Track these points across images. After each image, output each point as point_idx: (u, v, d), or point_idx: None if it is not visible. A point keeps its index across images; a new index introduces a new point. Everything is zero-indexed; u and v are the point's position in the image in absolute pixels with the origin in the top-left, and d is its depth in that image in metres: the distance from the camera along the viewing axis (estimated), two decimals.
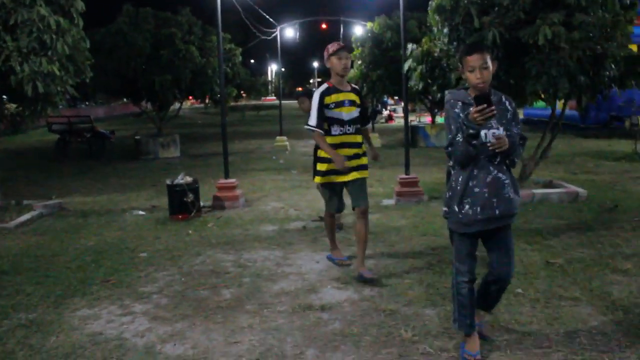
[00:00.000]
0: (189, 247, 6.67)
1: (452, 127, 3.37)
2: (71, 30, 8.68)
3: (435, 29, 8.43)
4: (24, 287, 5.34)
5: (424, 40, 8.98)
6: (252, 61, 66.41)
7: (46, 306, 4.85)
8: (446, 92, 3.79)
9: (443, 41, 8.16)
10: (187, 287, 5.24)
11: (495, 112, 3.17)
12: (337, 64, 5.22)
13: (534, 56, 7.45)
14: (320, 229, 7.06)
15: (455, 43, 7.92)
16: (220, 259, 6.13)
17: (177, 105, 19.75)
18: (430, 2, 8.19)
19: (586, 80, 7.67)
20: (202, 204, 8.60)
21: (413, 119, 24.86)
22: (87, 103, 42.60)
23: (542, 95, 8.43)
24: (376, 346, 3.86)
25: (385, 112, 33.43)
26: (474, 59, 3.32)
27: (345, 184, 5.39)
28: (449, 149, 3.42)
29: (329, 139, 5.23)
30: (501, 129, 3.39)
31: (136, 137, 18.41)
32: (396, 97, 26.41)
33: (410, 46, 8.95)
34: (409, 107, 12.44)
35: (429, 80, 8.65)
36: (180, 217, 8.09)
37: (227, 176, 9.17)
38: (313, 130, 5.25)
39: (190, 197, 8.14)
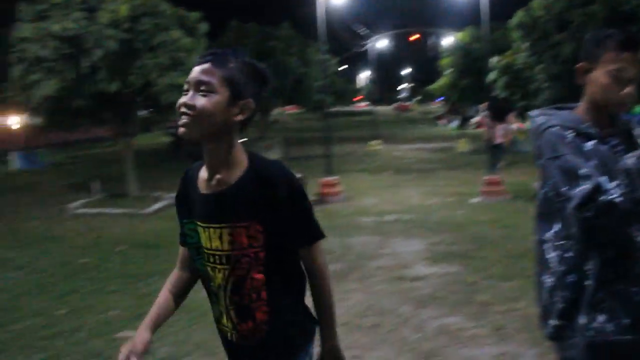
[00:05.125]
0: None
1: (582, 171, 1.72)
2: (197, 48, 10.17)
3: (516, 44, 9.30)
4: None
5: (507, 53, 9.82)
6: (345, 67, 67.55)
7: None
8: (532, 113, 2.01)
9: (523, 55, 8.99)
10: None
11: None
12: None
13: None
14: (412, 220, 8.11)
15: (534, 56, 8.73)
16: (326, 241, 7.23)
17: (277, 111, 21.19)
18: (510, 20, 9.07)
19: None
20: None
21: None
22: None
23: None
24: (458, 306, 4.86)
25: (476, 118, 33.63)
26: (629, 59, 1.83)
27: None
28: (580, 210, 1.69)
29: None
30: None
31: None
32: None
33: (494, 58, 9.82)
34: None
35: (513, 90, 9.47)
36: None
37: (330, 174, 10.33)
38: None
39: None
